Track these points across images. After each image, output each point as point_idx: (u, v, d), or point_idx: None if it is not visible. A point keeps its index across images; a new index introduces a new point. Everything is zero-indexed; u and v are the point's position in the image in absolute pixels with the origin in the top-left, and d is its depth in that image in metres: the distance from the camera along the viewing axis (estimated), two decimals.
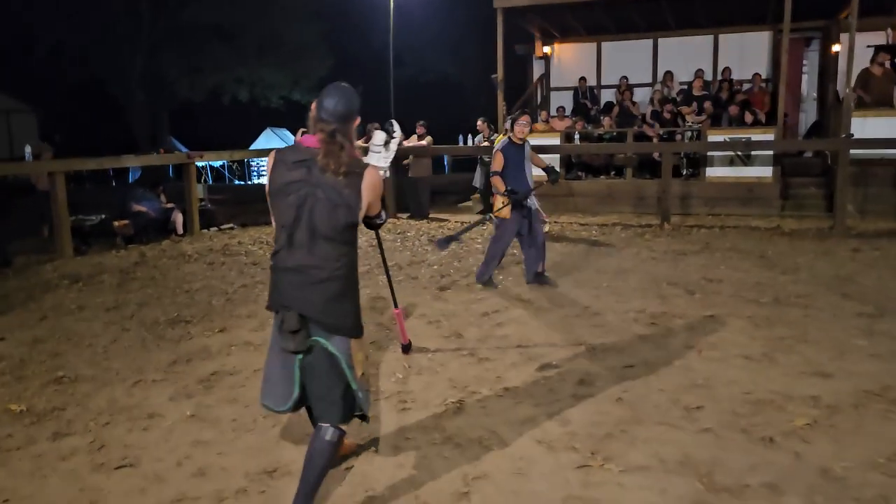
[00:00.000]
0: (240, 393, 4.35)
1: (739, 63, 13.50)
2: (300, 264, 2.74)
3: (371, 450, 3.53)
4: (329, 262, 2.73)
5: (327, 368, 2.79)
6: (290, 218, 2.73)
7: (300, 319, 2.71)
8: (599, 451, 3.42)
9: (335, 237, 2.73)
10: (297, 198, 2.71)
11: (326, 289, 2.72)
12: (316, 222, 2.71)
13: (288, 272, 2.77)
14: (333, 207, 2.70)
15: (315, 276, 2.73)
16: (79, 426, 3.94)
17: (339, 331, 2.78)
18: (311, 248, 2.73)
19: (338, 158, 2.68)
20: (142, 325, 5.93)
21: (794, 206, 11.26)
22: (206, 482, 3.26)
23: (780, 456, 3.33)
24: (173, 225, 11.25)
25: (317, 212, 2.70)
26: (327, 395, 2.82)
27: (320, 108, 2.72)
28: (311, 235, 2.72)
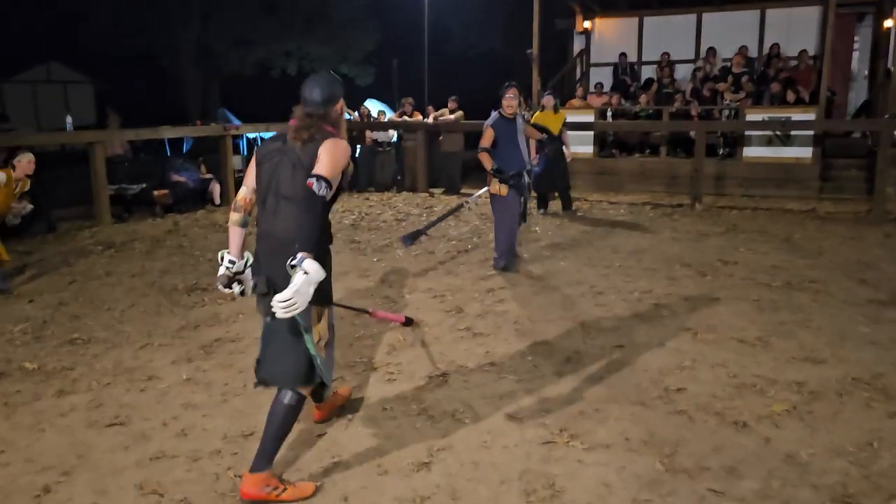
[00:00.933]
0: (236, 359, 4.52)
1: (787, 39, 13.05)
2: (269, 230, 2.94)
3: (347, 418, 3.65)
4: (292, 226, 2.82)
5: (287, 331, 2.93)
6: (263, 185, 2.96)
7: (268, 282, 2.89)
8: (568, 428, 3.47)
9: (295, 198, 2.85)
10: (269, 166, 2.96)
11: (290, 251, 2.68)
12: (280, 185, 2.91)
13: (261, 239, 2.99)
14: (293, 170, 2.88)
15: (281, 240, 2.85)
16: (82, 385, 4.16)
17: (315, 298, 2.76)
18: (276, 212, 2.91)
19: (304, 131, 2.90)
20: (161, 291, 6.16)
21: (834, 188, 10.95)
22: (185, 442, 3.43)
23: (748, 440, 3.33)
24: (210, 195, 11.55)
25: (280, 175, 2.91)
26: (286, 357, 2.96)
27: (301, 96, 2.97)
28: (276, 199, 2.91)
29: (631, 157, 12.38)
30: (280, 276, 2.77)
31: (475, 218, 9.57)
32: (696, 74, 12.98)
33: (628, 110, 12.70)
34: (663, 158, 11.93)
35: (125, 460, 3.26)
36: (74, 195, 10.90)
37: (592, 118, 12.30)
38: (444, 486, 2.98)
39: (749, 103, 11.54)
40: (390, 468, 3.14)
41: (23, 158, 6.42)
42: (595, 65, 14.69)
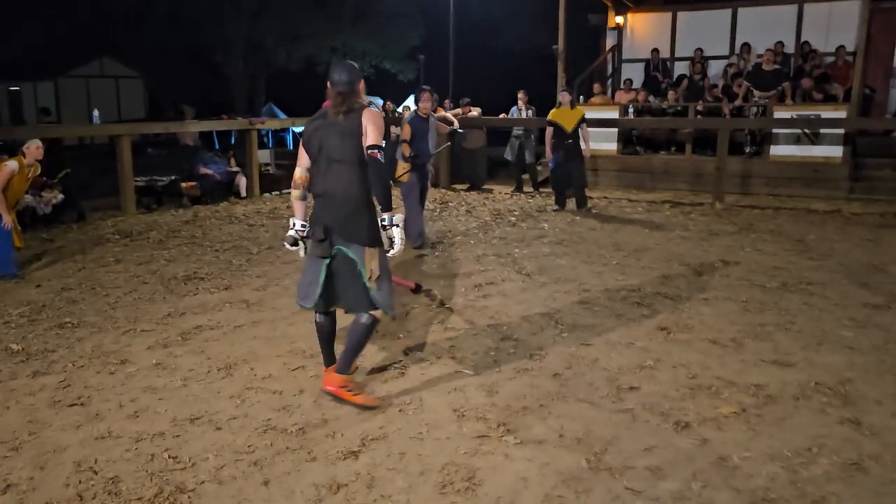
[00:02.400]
0: (210, 346, 4.64)
1: (825, 34, 12.67)
2: (323, 188, 3.58)
3: (297, 407, 3.72)
4: (347, 184, 3.52)
5: (348, 269, 3.57)
6: (314, 154, 3.60)
7: (325, 230, 3.52)
8: (506, 423, 3.48)
9: (345, 160, 3.51)
10: (317, 138, 3.58)
11: (344, 206, 3.52)
12: (330, 151, 3.54)
13: (317, 197, 3.61)
14: (341, 137, 3.52)
15: (335, 196, 3.54)
16: (58, 367, 4.33)
17: (355, 239, 3.54)
18: (328, 173, 3.56)
19: (342, 105, 3.52)
20: (160, 279, 6.34)
21: (865, 188, 10.58)
22: (134, 423, 3.55)
23: (684, 441, 3.29)
24: (237, 188, 11.81)
25: (329, 143, 3.54)
26: (350, 290, 3.60)
27: (331, 81, 3.56)
28: (328, 163, 3.55)
29: (655, 155, 12.19)
30: (335, 223, 3.52)
31: (486, 214, 9.57)
32: (727, 71, 12.70)
33: (655, 107, 12.49)
34: (688, 156, 11.71)
35: (72, 439, 3.39)
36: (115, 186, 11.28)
37: (617, 115, 12.13)
38: (364, 475, 3.02)
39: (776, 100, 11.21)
40: (319, 455, 3.20)
41: (31, 145, 6.66)
42: (627, 61, 14.49)
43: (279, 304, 5.54)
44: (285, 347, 4.60)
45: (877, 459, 3.09)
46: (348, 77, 3.55)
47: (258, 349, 4.57)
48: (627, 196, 11.03)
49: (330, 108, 3.57)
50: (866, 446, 3.21)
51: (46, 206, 9.33)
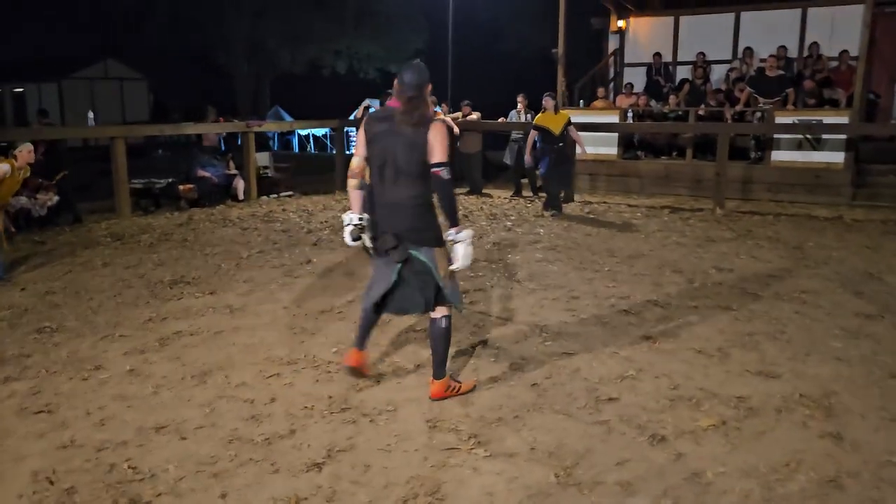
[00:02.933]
0: (186, 352, 4.57)
1: (829, 39, 12.53)
2: (390, 197, 3.59)
3: (267, 416, 3.65)
4: (413, 193, 3.56)
5: (421, 272, 3.62)
6: (380, 160, 3.58)
7: (395, 237, 3.56)
8: (479, 435, 3.39)
9: (412, 173, 3.53)
10: (382, 145, 3.55)
11: (412, 214, 3.57)
12: (399, 162, 3.52)
13: (382, 206, 3.62)
14: (409, 150, 3.49)
15: (402, 205, 3.57)
16: (31, 373, 4.27)
17: (424, 242, 3.60)
18: (396, 182, 3.56)
19: (412, 115, 3.48)
20: (146, 283, 6.29)
21: (868, 195, 10.45)
22: (99, 432, 3.48)
23: (659, 455, 3.19)
24: (234, 191, 11.75)
25: (397, 153, 3.52)
26: (424, 292, 3.64)
27: (401, 81, 3.52)
28: (395, 173, 3.55)
29: (656, 160, 12.07)
30: (403, 230, 3.58)
31: (482, 218, 9.48)
32: (729, 75, 12.58)
33: (657, 111, 12.38)
34: (689, 161, 11.59)
35: (34, 447, 3.33)
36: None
37: (617, 119, 12.03)
38: (326, 489, 2.94)
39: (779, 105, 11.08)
40: (283, 467, 3.13)
41: (23, 149, 6.65)
42: (629, 65, 14.39)
43: (262, 310, 5.47)
44: (263, 354, 4.52)
45: (855, 476, 2.99)
46: (418, 79, 3.50)
47: (235, 356, 4.50)
48: (627, 201, 10.92)
49: (398, 114, 3.51)
50: (846, 462, 3.11)
51: (41, 208, 9.31)
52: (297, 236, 8.37)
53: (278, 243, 7.94)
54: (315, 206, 10.70)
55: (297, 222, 9.31)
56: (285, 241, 8.08)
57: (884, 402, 3.74)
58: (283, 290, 6.04)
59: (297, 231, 8.70)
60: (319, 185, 13.31)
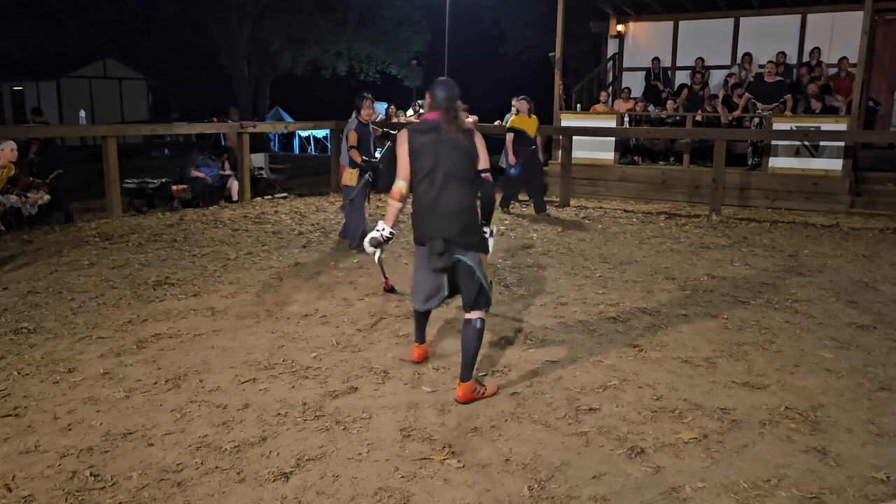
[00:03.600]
0: (164, 356, 4.48)
1: (829, 45, 12.44)
2: (440, 202, 3.73)
3: (239, 423, 3.55)
4: (463, 198, 3.75)
5: (467, 275, 3.77)
6: (429, 167, 3.73)
7: (444, 243, 3.68)
8: (453, 445, 3.30)
9: (464, 176, 3.76)
10: (432, 152, 3.73)
11: (462, 218, 3.73)
12: (449, 167, 3.72)
13: (431, 210, 3.75)
14: (460, 155, 3.75)
15: (453, 209, 3.73)
16: (2, 375, 4.18)
17: (472, 248, 3.78)
18: (446, 187, 3.73)
19: (455, 124, 3.74)
20: (131, 284, 6.20)
21: (866, 202, 10.35)
22: (65, 437, 3.39)
23: (636, 469, 3.10)
24: (229, 192, 11.68)
25: (447, 159, 3.72)
26: (469, 294, 3.78)
27: (435, 97, 3.78)
28: (445, 178, 3.72)
29: (652, 165, 11.98)
30: (453, 234, 3.72)
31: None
32: (727, 81, 12.49)
33: (654, 117, 12.30)
34: (686, 167, 11.50)
35: None
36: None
37: (614, 123, 11.94)
38: (290, 499, 2.85)
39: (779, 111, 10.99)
40: (249, 475, 3.04)
41: (5, 147, 6.59)
42: (628, 69, 14.32)
43: (245, 312, 5.39)
44: (241, 358, 4.43)
45: (838, 494, 2.90)
46: (450, 93, 3.78)
47: (212, 360, 4.41)
48: (623, 206, 10.83)
49: (442, 124, 3.73)
50: (829, 478, 3.01)
51: (32, 207, 9.22)
52: (287, 238, 8.29)
53: (267, 245, 7.86)
54: (308, 208, 10.62)
55: (289, 224, 9.23)
56: (275, 242, 8.00)
57: (872, 415, 3.64)
58: (268, 292, 5.95)
59: (287, 233, 8.62)
60: (315, 186, 13.27)
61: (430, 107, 3.88)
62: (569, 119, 12.14)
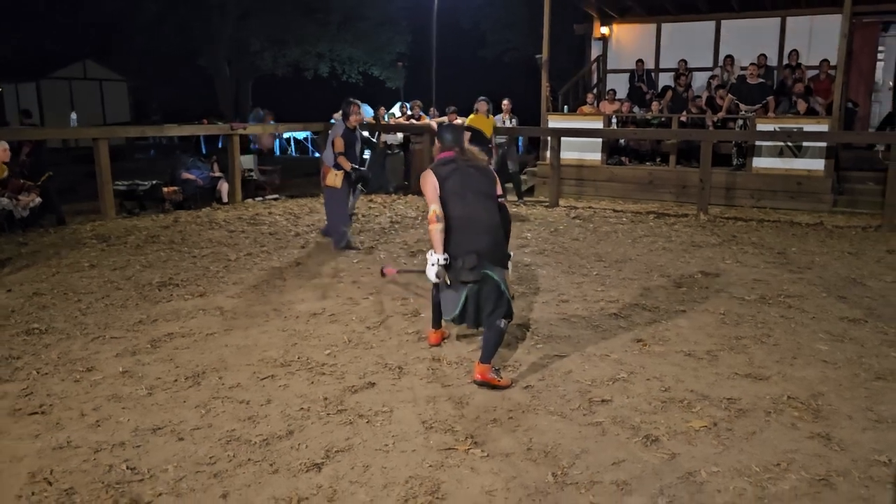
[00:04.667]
0: (179, 354, 4.56)
1: (808, 48, 12.74)
2: (474, 217, 4.05)
3: (264, 417, 3.65)
4: (493, 215, 4.13)
5: (494, 289, 4.05)
6: (458, 189, 4.08)
7: (477, 257, 3.96)
8: (475, 436, 3.42)
9: (490, 195, 4.16)
10: (457, 178, 4.12)
11: (495, 234, 4.10)
12: (479, 186, 4.14)
13: (465, 227, 4.04)
14: (485, 177, 4.20)
15: (487, 223, 4.08)
16: (22, 374, 4.24)
17: (500, 263, 4.09)
18: (478, 204, 4.09)
19: (467, 156, 4.23)
20: (135, 285, 6.26)
21: (848, 202, 10.64)
22: (95, 433, 3.47)
23: (653, 456, 3.24)
24: (219, 193, 11.71)
25: (476, 181, 4.15)
26: (497, 304, 4.07)
27: (445, 140, 4.30)
28: (476, 196, 4.10)
29: (640, 166, 12.20)
30: (486, 250, 4.02)
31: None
32: (710, 83, 12.75)
33: (640, 118, 12.52)
34: (673, 167, 11.73)
35: (29, 448, 3.31)
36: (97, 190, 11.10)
37: (601, 125, 12.15)
38: (326, 488, 2.96)
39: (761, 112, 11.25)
40: (282, 467, 3.14)
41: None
42: (612, 71, 14.55)
43: (254, 312, 5.47)
44: (256, 356, 4.53)
45: (845, 476, 3.06)
46: (456, 136, 4.34)
47: (228, 358, 4.50)
48: (613, 206, 11.02)
49: (459, 159, 4.19)
50: (835, 462, 3.18)
51: (24, 209, 9.21)
52: (284, 239, 8.36)
53: (266, 246, 7.93)
54: (301, 210, 10.69)
55: (285, 225, 9.30)
56: (273, 243, 8.07)
57: (870, 403, 3.82)
58: (273, 292, 6.04)
59: (284, 234, 8.69)
60: (305, 188, 13.31)
61: (442, 149, 4.30)
62: (556, 120, 12.32)
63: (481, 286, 4.04)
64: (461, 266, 3.99)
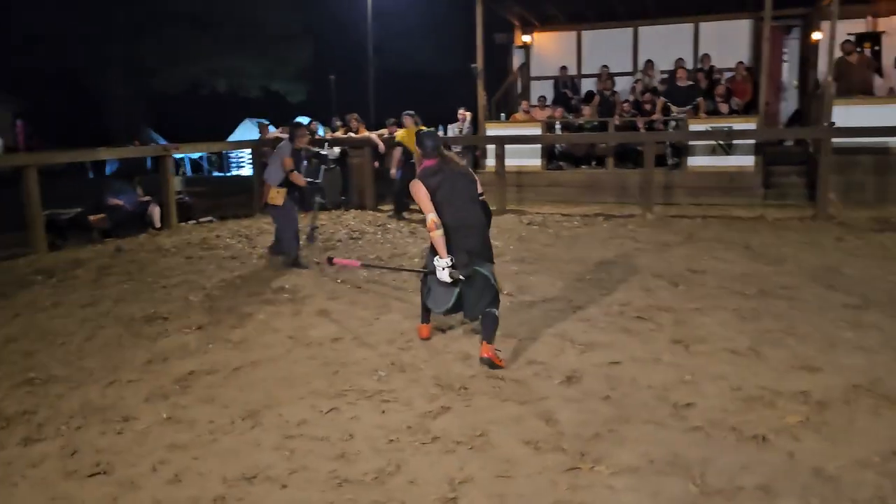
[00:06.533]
0: (217, 393, 4.22)
1: (719, 51, 13.43)
2: (464, 221, 4.53)
3: (356, 453, 3.42)
4: (479, 217, 4.61)
5: (483, 283, 4.54)
6: (449, 195, 4.51)
7: (468, 256, 4.49)
8: (588, 453, 3.34)
9: (475, 199, 4.64)
10: (448, 184, 4.54)
11: (482, 234, 4.64)
12: (463, 191, 4.58)
13: (457, 229, 4.50)
14: (469, 182, 4.67)
15: (474, 226, 4.58)
16: (50, 430, 3.80)
17: (488, 259, 4.66)
18: (467, 208, 4.56)
19: (450, 162, 4.67)
20: (118, 321, 5.77)
21: (777, 195, 11.26)
22: (181, 489, 3.14)
23: (772, 455, 3.26)
24: (150, 218, 11.05)
25: (462, 187, 4.60)
26: (487, 294, 4.55)
27: (426, 147, 4.65)
28: (463, 201, 4.55)
29: (579, 170, 12.47)
30: (476, 249, 4.56)
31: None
32: (635, 87, 13.20)
33: (572, 123, 12.80)
34: (611, 170, 12.05)
35: None
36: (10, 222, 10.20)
37: (539, 131, 12.33)
38: None
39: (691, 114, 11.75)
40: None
41: None
42: (535, 78, 14.81)
43: (268, 342, 5.15)
44: (303, 388, 4.25)
45: None
46: (436, 142, 4.68)
47: (274, 392, 4.20)
48: (559, 211, 11.16)
49: (443, 165, 4.59)
50: None
51: None
52: (248, 262, 7.97)
53: (235, 271, 7.52)
54: (248, 230, 10.24)
55: (241, 248, 8.86)
56: (239, 267, 7.67)
57: None
58: (275, 319, 5.71)
59: (245, 257, 8.28)
60: (236, 208, 12.79)
61: (424, 156, 4.66)
62: (494, 128, 12.42)
63: (472, 280, 4.49)
64: (455, 263, 4.45)
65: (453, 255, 4.45)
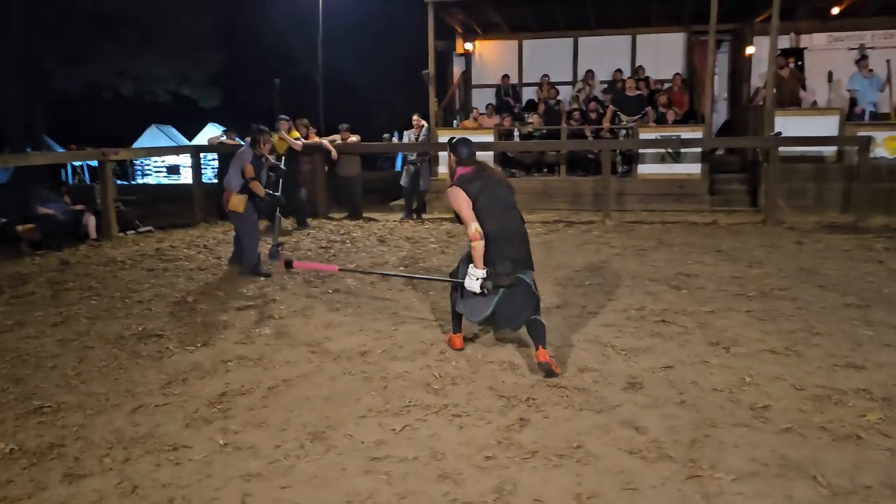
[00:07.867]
0: (266, 415, 3.89)
1: (655, 63, 13.87)
2: (507, 229, 4.48)
3: (458, 473, 3.20)
4: (519, 223, 4.60)
5: (526, 290, 4.49)
6: (491, 202, 4.45)
7: (512, 264, 4.42)
8: (697, 459, 3.25)
9: (514, 206, 4.61)
10: (488, 192, 4.48)
11: (525, 241, 4.59)
12: (503, 200, 4.55)
13: (499, 238, 4.42)
14: (507, 189, 4.65)
15: (518, 234, 4.55)
16: (92, 464, 3.38)
17: (530, 267, 4.60)
18: (510, 217, 4.54)
19: (487, 169, 4.65)
20: (105, 341, 5.27)
21: (721, 201, 11.69)
22: None
23: (875, 454, 3.28)
24: (85, 228, 10.26)
25: (502, 194, 4.58)
26: (528, 305, 4.49)
27: (461, 154, 4.58)
28: (503, 209, 4.52)
29: (532, 178, 12.53)
30: (520, 256, 4.52)
31: (404, 243, 9.19)
32: (578, 96, 13.42)
33: (521, 131, 12.86)
34: (564, 177, 12.17)
35: None
36: None
37: (491, 138, 12.31)
38: None
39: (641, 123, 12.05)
40: None
41: None
42: (477, 86, 14.81)
43: (291, 357, 4.82)
44: (358, 406, 3.98)
45: None
46: (471, 149, 4.60)
47: (328, 412, 3.91)
48: None
49: (480, 171, 4.55)
50: None
51: None
52: (219, 274, 7.51)
53: (210, 283, 7.07)
54: (205, 240, 9.69)
55: (204, 259, 8.35)
56: (213, 279, 7.22)
57: None
58: (285, 333, 5.37)
59: (212, 268, 7.80)
60: (173, 217, 12.10)
61: (459, 163, 4.58)
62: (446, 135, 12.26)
63: (515, 289, 4.43)
64: (498, 272, 4.39)
65: (495, 264, 4.39)
